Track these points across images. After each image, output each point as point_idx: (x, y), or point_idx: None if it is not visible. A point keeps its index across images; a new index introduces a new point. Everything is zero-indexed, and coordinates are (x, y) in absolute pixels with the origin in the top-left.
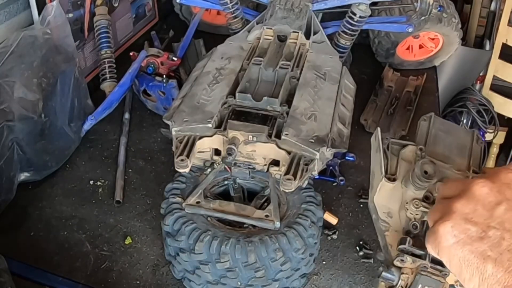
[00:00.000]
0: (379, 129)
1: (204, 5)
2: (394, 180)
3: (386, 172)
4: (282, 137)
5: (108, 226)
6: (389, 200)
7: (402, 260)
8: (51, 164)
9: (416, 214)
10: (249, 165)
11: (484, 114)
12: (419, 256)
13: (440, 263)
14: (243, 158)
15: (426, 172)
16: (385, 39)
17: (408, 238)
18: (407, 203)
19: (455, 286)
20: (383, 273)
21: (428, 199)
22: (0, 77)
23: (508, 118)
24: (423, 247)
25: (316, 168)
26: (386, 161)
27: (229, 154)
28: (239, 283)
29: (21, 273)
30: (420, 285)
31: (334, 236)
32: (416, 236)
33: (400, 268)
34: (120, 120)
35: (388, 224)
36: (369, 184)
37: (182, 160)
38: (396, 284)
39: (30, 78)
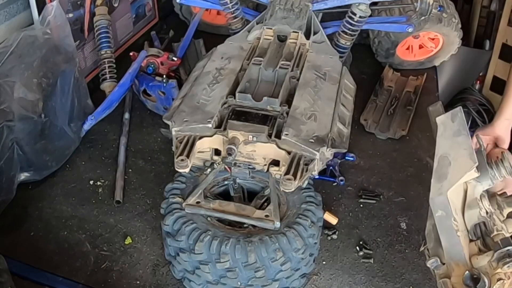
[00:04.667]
0: (461, 108)
1: (204, 5)
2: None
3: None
4: (282, 137)
5: (108, 226)
6: (455, 195)
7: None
8: (51, 164)
9: (486, 212)
10: (249, 165)
11: (484, 114)
12: None
13: None
14: (243, 158)
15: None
16: (385, 39)
17: (510, 237)
18: (479, 200)
19: None
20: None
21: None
22: (0, 77)
23: None
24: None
25: (316, 168)
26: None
27: (229, 154)
28: (239, 283)
29: (21, 273)
30: None
31: (334, 236)
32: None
33: (486, 274)
34: (120, 120)
35: (457, 223)
36: (369, 183)
37: (182, 160)
38: None
39: (30, 78)
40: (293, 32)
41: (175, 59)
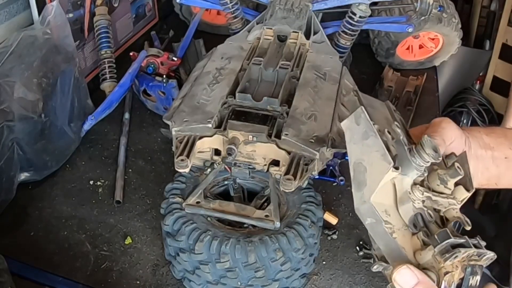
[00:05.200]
0: (363, 108)
1: (204, 5)
2: (398, 168)
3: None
4: (282, 137)
5: (108, 226)
6: (383, 195)
7: (456, 257)
8: (51, 164)
9: (423, 201)
10: (249, 165)
11: (484, 114)
12: (462, 245)
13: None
14: (243, 158)
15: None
16: (385, 39)
17: (447, 229)
18: (410, 193)
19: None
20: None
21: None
22: (0, 77)
23: None
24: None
25: (316, 168)
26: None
27: (229, 154)
28: (239, 283)
29: (21, 273)
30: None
31: (334, 236)
32: (424, 227)
33: (429, 269)
34: (120, 120)
35: (391, 224)
36: None
37: (182, 160)
38: None
39: (30, 78)
40: (293, 32)
41: (175, 59)
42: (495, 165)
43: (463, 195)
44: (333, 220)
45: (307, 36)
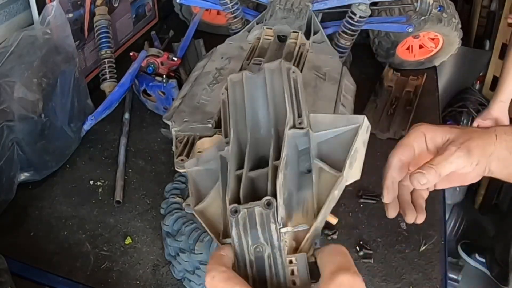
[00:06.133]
0: None
1: (204, 5)
2: None
3: None
4: None
5: (108, 226)
6: None
7: None
8: (51, 164)
9: None
10: None
11: None
12: None
13: None
14: None
15: None
16: (385, 39)
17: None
18: None
19: None
20: None
21: None
22: (0, 77)
23: None
24: None
25: None
26: None
27: None
28: None
29: (21, 273)
30: None
31: (334, 236)
32: None
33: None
34: (120, 120)
35: None
36: (369, 183)
37: (182, 160)
38: None
39: (30, 78)
40: (293, 32)
41: (175, 59)
42: None
43: None
44: (333, 220)
45: (307, 36)
